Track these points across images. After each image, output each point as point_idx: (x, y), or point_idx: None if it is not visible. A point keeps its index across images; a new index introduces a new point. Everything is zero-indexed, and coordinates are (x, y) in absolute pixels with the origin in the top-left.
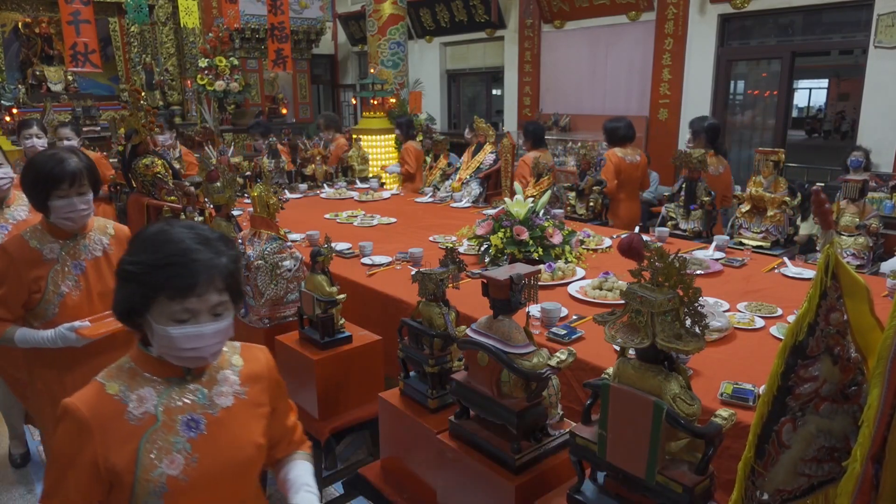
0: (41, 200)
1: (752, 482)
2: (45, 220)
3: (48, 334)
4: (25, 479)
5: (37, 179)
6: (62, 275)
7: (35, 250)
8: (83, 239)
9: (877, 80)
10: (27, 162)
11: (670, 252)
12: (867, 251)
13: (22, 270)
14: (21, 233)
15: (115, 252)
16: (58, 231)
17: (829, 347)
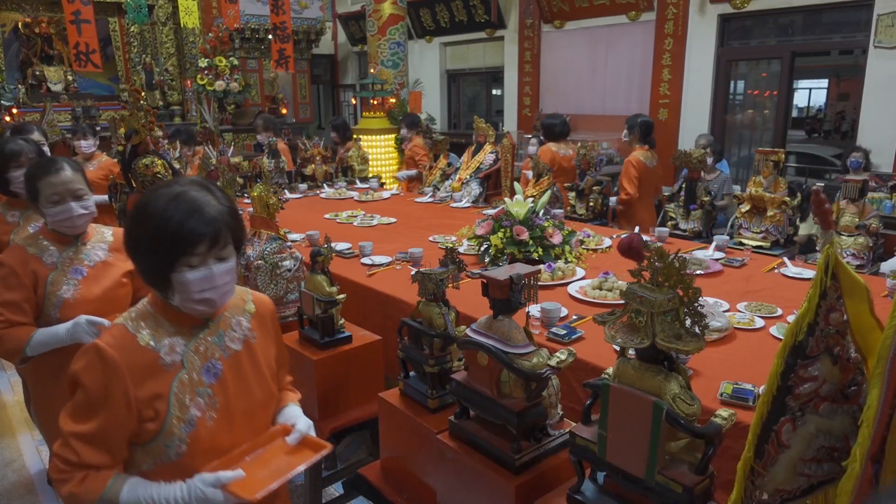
0: None
1: (751, 482)
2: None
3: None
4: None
5: None
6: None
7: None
8: (83, 246)
9: (877, 80)
10: None
11: (670, 252)
12: (867, 251)
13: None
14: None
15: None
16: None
17: (828, 347)
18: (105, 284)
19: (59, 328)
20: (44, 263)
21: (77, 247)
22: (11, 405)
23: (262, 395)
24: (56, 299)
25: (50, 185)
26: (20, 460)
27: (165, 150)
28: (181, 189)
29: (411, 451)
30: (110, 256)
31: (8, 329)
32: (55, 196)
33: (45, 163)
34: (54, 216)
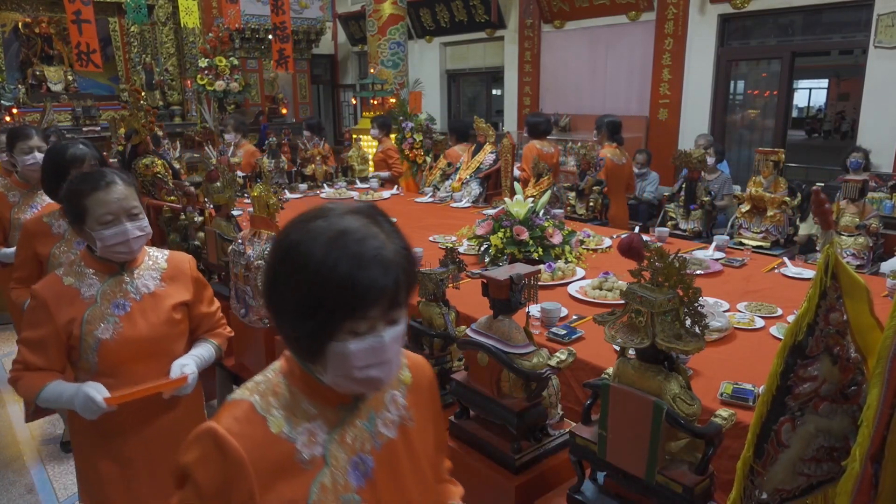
0: None
1: (751, 481)
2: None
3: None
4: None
5: None
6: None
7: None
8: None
9: (877, 80)
10: None
11: (670, 252)
12: (867, 251)
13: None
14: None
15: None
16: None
17: (828, 347)
18: (153, 321)
19: (66, 390)
20: (81, 297)
21: (121, 276)
22: (11, 405)
23: (421, 496)
24: (93, 340)
25: (101, 203)
26: (20, 460)
27: (165, 150)
28: (344, 225)
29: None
30: (161, 287)
31: (23, 372)
32: (108, 216)
33: (92, 176)
34: (106, 240)
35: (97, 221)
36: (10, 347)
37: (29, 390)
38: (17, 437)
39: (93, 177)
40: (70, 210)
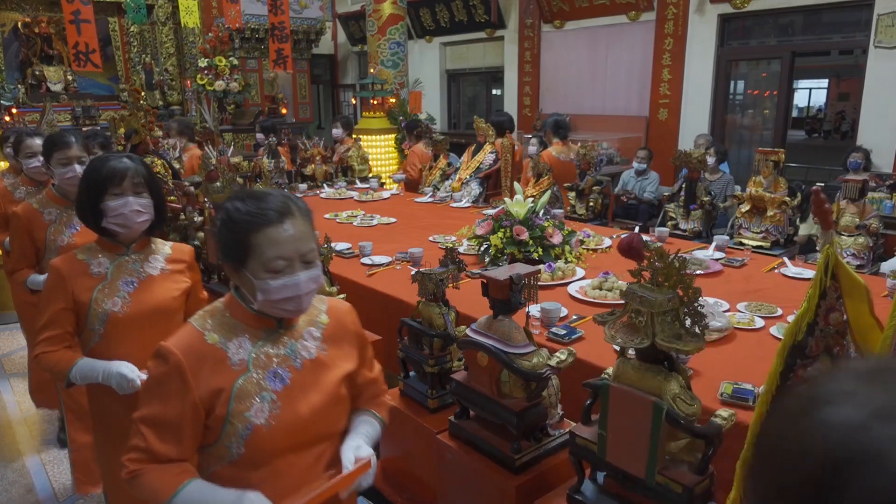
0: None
1: None
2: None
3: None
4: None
5: None
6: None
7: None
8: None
9: (877, 80)
10: None
11: (670, 252)
12: (867, 251)
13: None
14: None
15: (171, 271)
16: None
17: (828, 347)
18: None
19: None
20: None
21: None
22: (12, 406)
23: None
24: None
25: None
26: (20, 460)
27: (165, 150)
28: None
29: (411, 451)
30: (167, 269)
31: (147, 464)
32: (280, 261)
33: None
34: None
35: (264, 268)
36: (10, 347)
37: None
38: (17, 437)
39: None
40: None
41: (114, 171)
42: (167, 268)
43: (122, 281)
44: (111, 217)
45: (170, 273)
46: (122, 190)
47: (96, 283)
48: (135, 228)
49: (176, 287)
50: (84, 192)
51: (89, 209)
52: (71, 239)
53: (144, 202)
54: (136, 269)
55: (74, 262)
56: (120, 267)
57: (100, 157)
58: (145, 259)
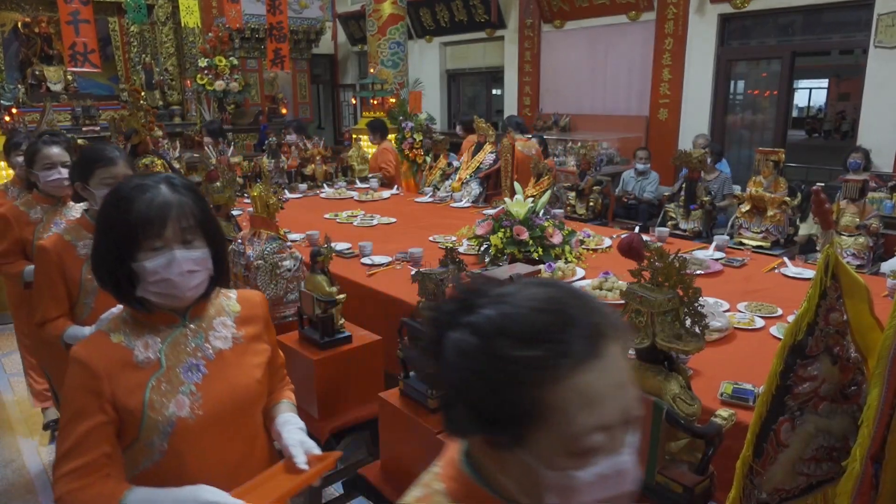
0: None
1: (750, 481)
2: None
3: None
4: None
5: None
6: None
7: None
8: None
9: (877, 80)
10: None
11: (670, 252)
12: (867, 251)
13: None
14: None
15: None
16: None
17: (828, 347)
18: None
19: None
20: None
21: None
22: (11, 405)
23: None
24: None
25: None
26: (20, 460)
27: (165, 150)
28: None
29: (411, 451)
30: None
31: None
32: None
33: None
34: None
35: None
36: (10, 347)
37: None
38: (17, 437)
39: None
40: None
41: (148, 213)
42: (240, 334)
43: (183, 367)
44: (151, 283)
45: (245, 342)
46: (164, 241)
47: (147, 377)
48: (188, 297)
49: (257, 362)
50: (102, 246)
51: (109, 272)
52: None
53: (198, 255)
54: (199, 345)
55: (109, 347)
56: (176, 347)
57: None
58: (209, 327)
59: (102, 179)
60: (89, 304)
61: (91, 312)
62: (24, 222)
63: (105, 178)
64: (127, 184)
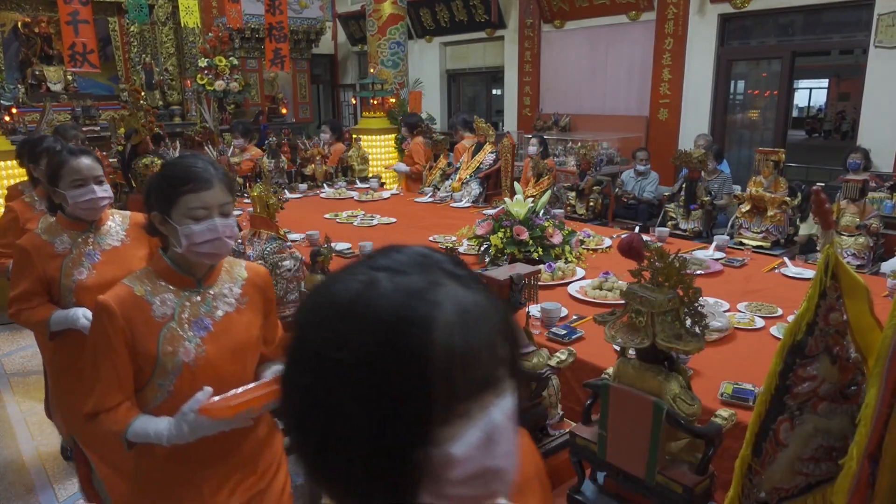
0: None
1: (749, 480)
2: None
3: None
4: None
5: None
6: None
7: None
8: (97, 231)
9: (877, 80)
10: None
11: (670, 252)
12: (867, 251)
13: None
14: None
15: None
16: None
17: (828, 347)
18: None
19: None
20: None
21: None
22: (11, 405)
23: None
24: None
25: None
26: (20, 460)
27: (165, 150)
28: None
29: None
30: (244, 301)
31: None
32: (78, 180)
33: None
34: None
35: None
36: (10, 347)
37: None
38: (17, 437)
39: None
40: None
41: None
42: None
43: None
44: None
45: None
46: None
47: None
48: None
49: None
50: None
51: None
52: None
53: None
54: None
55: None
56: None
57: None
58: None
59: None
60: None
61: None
62: (47, 255)
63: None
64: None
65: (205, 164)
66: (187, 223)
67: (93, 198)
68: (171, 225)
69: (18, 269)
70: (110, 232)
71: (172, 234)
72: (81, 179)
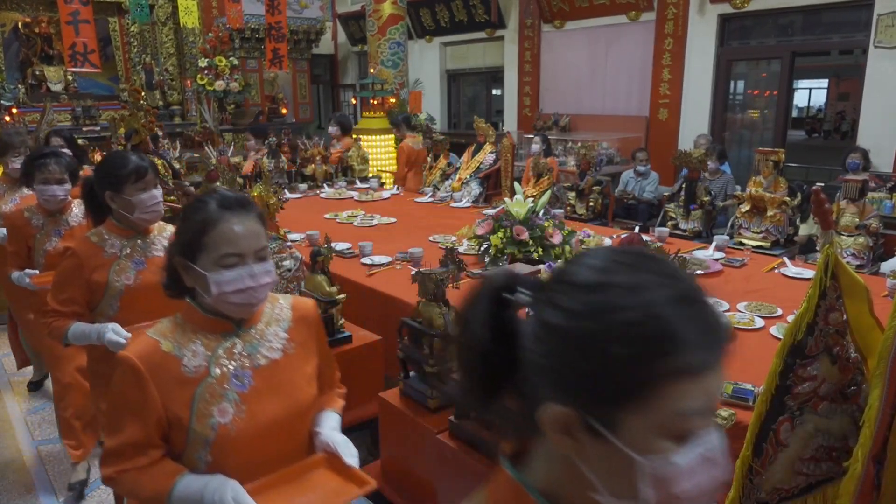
0: None
1: (749, 480)
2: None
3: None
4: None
5: None
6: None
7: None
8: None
9: (877, 80)
10: None
11: (670, 252)
12: (867, 251)
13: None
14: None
15: (298, 346)
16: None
17: (828, 347)
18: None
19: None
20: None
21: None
22: (11, 405)
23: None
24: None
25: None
26: (20, 460)
27: (165, 150)
28: None
29: (411, 451)
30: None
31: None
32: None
33: None
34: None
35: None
36: (10, 348)
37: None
38: (17, 437)
39: None
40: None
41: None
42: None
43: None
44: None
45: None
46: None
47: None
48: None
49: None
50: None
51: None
52: None
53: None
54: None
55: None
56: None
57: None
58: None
59: None
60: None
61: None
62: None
63: None
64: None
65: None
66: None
67: None
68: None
69: None
70: None
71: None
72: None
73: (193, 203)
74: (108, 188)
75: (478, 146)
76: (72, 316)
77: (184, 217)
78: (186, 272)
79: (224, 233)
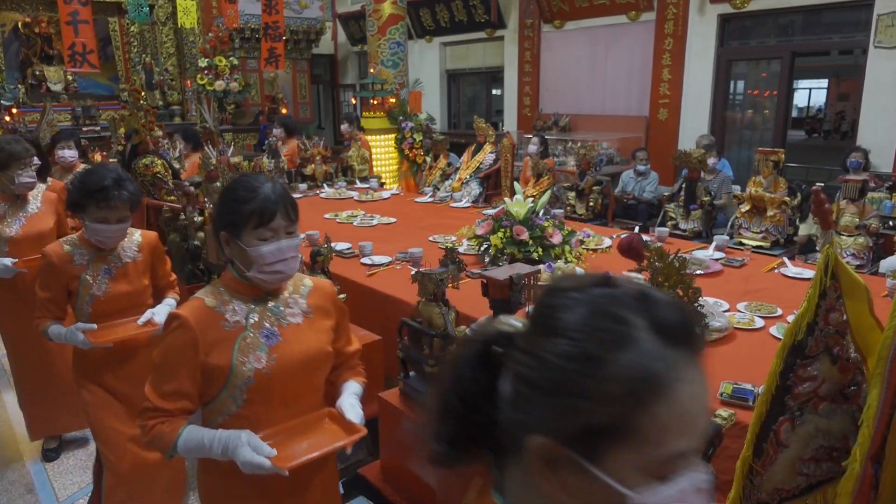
0: None
1: (750, 481)
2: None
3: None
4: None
5: None
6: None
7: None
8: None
9: (877, 80)
10: None
11: (670, 252)
12: (867, 251)
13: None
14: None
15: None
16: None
17: (828, 347)
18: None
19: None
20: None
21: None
22: (11, 405)
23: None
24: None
25: None
26: (20, 460)
27: (165, 150)
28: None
29: (411, 451)
30: (311, 314)
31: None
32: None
33: None
34: None
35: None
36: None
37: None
38: (17, 437)
39: None
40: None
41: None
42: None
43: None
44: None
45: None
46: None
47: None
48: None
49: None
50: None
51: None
52: None
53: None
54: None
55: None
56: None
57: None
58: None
59: None
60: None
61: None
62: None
63: None
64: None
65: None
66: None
67: None
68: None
69: None
70: None
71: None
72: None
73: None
74: None
75: (478, 146)
76: (182, 415)
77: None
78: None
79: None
